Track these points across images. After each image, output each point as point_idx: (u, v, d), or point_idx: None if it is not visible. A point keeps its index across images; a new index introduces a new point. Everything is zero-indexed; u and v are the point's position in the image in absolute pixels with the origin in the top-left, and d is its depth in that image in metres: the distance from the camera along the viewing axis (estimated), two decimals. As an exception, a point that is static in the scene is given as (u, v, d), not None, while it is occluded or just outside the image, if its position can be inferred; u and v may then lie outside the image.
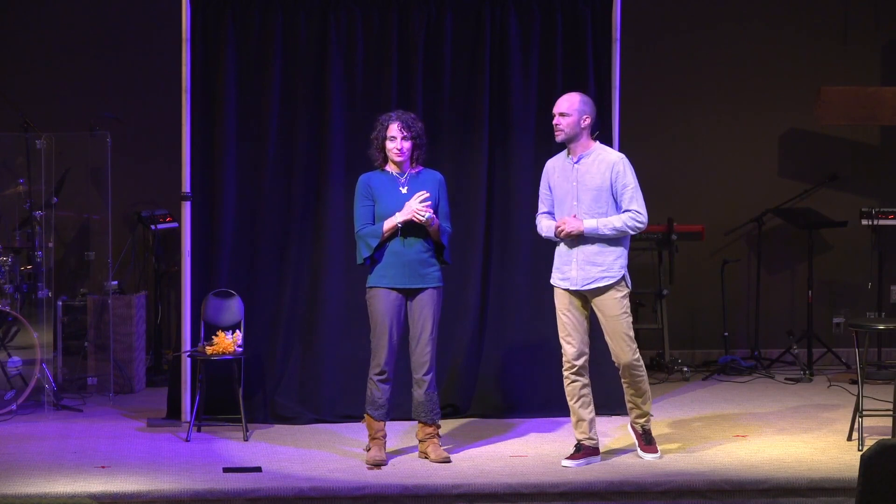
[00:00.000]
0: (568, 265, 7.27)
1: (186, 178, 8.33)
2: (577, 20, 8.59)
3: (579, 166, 7.27)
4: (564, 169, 7.33)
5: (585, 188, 7.24)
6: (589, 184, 7.24)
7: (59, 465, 7.24)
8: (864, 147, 10.87)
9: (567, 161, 7.33)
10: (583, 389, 7.34)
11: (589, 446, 7.35)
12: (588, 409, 7.35)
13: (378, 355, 7.31)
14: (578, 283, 7.25)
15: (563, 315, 7.34)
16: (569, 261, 7.27)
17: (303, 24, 8.44)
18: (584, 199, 7.23)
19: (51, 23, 10.21)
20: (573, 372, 7.32)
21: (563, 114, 7.25)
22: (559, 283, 7.33)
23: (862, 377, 7.74)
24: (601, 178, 7.23)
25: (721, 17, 10.75)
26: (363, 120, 8.08)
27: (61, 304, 9.35)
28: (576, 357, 7.30)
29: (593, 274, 7.23)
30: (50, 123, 9.33)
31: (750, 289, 10.72)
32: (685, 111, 10.74)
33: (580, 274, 7.24)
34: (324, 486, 6.87)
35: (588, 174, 7.25)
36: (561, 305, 7.34)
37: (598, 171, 7.24)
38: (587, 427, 7.34)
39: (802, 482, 6.99)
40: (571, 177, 7.27)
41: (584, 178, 7.25)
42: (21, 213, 9.28)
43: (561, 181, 7.32)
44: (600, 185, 7.22)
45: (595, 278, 7.24)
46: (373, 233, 7.26)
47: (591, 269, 7.23)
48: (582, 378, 7.33)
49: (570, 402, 7.36)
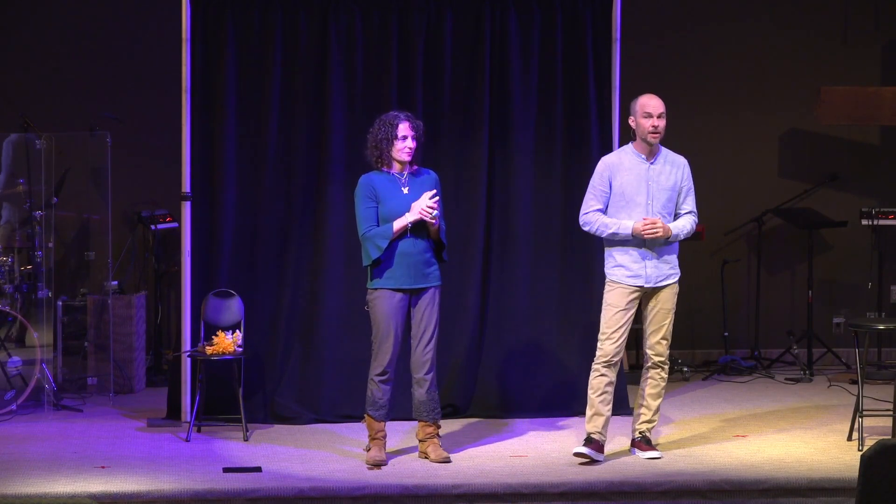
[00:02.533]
0: (639, 263, 7.37)
1: (186, 178, 8.33)
2: (577, 20, 8.59)
3: (655, 167, 7.41)
4: (635, 168, 7.40)
5: (660, 188, 7.39)
6: (664, 184, 7.41)
7: (59, 465, 7.24)
8: (864, 147, 10.87)
9: (638, 160, 7.41)
10: (608, 386, 7.38)
11: (599, 441, 7.38)
12: (607, 406, 7.40)
13: (381, 356, 7.30)
14: (653, 280, 7.40)
15: (617, 313, 7.37)
16: (639, 258, 7.37)
17: (303, 24, 8.44)
18: (659, 198, 7.38)
19: (51, 23, 10.21)
20: (606, 366, 7.37)
21: (662, 115, 7.42)
22: (628, 281, 7.39)
23: (862, 377, 7.74)
24: (674, 179, 7.43)
25: (721, 17, 10.75)
26: (363, 120, 8.08)
27: (61, 304, 9.35)
28: (615, 353, 7.37)
29: (665, 271, 7.43)
30: (50, 123, 9.33)
31: (750, 289, 10.72)
32: (685, 111, 10.73)
33: (655, 272, 7.40)
34: (324, 486, 6.87)
35: (663, 174, 7.41)
36: (619, 303, 7.38)
37: (671, 172, 7.43)
38: (602, 424, 7.37)
39: (802, 482, 6.99)
40: (645, 176, 7.39)
41: (658, 178, 7.40)
42: (21, 213, 9.28)
43: (632, 179, 7.39)
44: (673, 185, 7.43)
45: (667, 275, 7.44)
46: (382, 234, 7.23)
47: (663, 266, 7.42)
48: (611, 375, 7.38)
49: (593, 395, 7.37)
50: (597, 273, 7.92)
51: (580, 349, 8.43)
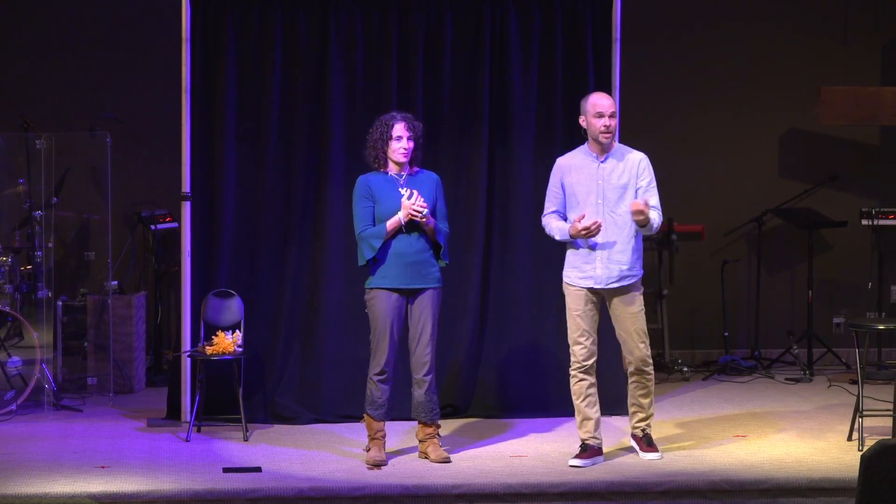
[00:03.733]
0: (590, 263, 7.25)
1: (186, 178, 8.33)
2: (577, 20, 8.59)
3: (605, 165, 7.30)
4: (586, 167, 7.32)
5: (611, 186, 7.26)
6: (615, 182, 7.27)
7: (59, 465, 7.24)
8: (864, 147, 10.87)
9: (589, 159, 7.33)
10: (589, 389, 7.34)
11: (594, 446, 7.35)
12: (594, 408, 7.35)
13: (378, 356, 7.32)
14: (603, 282, 7.25)
15: (576, 316, 7.30)
16: (591, 259, 7.25)
17: (303, 24, 8.44)
18: (609, 196, 7.25)
19: (51, 23, 10.21)
20: (582, 371, 7.32)
21: (613, 114, 7.33)
22: (579, 282, 7.29)
23: (862, 377, 7.74)
24: (627, 177, 7.28)
25: (721, 18, 10.75)
26: (363, 120, 8.08)
27: (61, 304, 9.35)
28: (586, 358, 7.30)
29: (617, 272, 7.24)
30: (50, 123, 9.33)
31: (750, 289, 10.72)
32: (685, 111, 10.74)
33: (605, 272, 7.24)
34: (324, 486, 6.87)
35: (614, 172, 7.28)
36: (576, 305, 7.31)
37: (624, 170, 7.29)
38: (593, 427, 7.34)
39: (802, 482, 6.99)
40: (595, 174, 7.28)
41: (609, 177, 7.27)
42: (21, 213, 9.28)
43: (581, 178, 7.30)
44: (626, 183, 7.27)
45: (619, 276, 7.25)
46: (376, 234, 7.26)
47: (615, 267, 7.24)
48: (589, 377, 7.33)
49: (577, 401, 7.35)
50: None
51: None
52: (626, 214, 7.22)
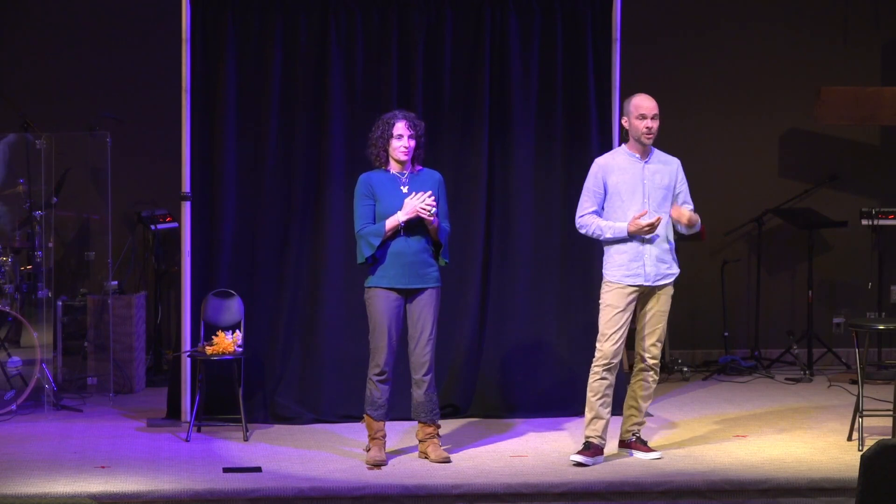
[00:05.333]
0: (638, 261, 7.33)
1: (186, 178, 8.33)
2: (577, 20, 8.60)
3: (649, 166, 7.40)
4: (630, 168, 7.39)
5: (656, 187, 7.38)
6: (660, 183, 7.40)
7: (59, 465, 7.24)
8: (864, 147, 10.87)
9: (633, 159, 7.41)
10: (608, 389, 7.35)
11: (598, 445, 7.36)
12: (607, 409, 7.36)
13: (377, 356, 7.32)
14: (652, 279, 7.36)
15: (616, 314, 7.32)
16: (639, 257, 7.33)
17: (303, 25, 8.44)
18: (655, 196, 7.37)
19: (51, 22, 10.21)
20: (607, 370, 7.32)
21: (656, 116, 7.43)
22: (627, 280, 7.34)
23: (862, 377, 7.74)
24: (669, 179, 7.43)
25: (721, 17, 10.75)
26: (363, 120, 8.08)
27: (61, 304, 9.35)
28: (614, 356, 7.32)
29: (664, 270, 7.38)
30: (50, 123, 9.33)
31: (750, 289, 10.71)
32: (685, 111, 10.73)
33: (654, 270, 7.35)
34: (324, 486, 6.87)
35: (658, 174, 7.41)
36: (618, 303, 7.33)
37: (666, 172, 7.44)
38: (602, 427, 7.34)
39: (802, 482, 6.99)
40: (640, 175, 7.38)
41: (654, 178, 7.39)
42: (21, 213, 9.28)
43: (626, 179, 7.37)
44: (668, 184, 7.43)
45: (665, 274, 7.40)
46: (375, 232, 7.26)
47: (661, 265, 7.37)
48: (611, 377, 7.34)
49: (593, 398, 7.32)
50: (596, 273, 7.90)
51: (580, 349, 8.41)
52: (667, 215, 7.38)
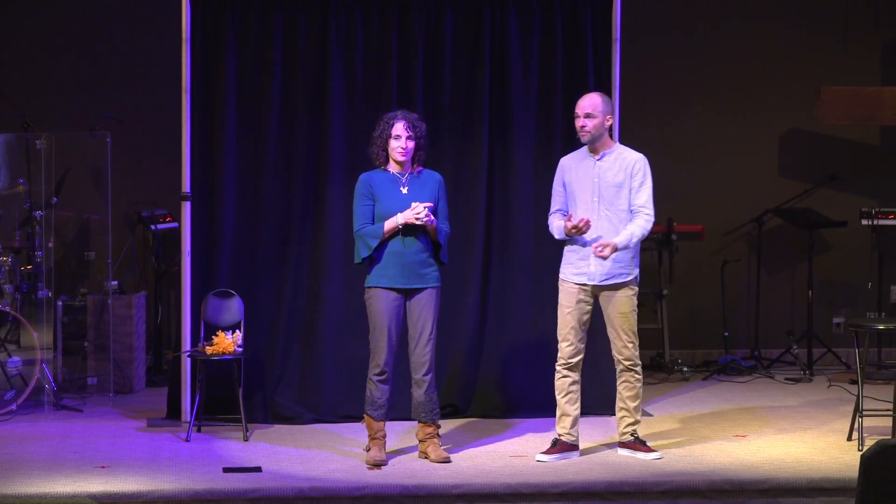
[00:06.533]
0: (585, 260, 7.31)
1: (186, 178, 8.33)
2: (577, 20, 8.60)
3: (601, 163, 7.36)
4: (584, 165, 7.39)
5: (607, 184, 7.32)
6: (611, 180, 7.33)
7: (59, 465, 7.24)
8: (864, 147, 10.87)
9: (588, 157, 7.40)
10: (572, 385, 7.40)
11: (567, 442, 7.42)
12: (574, 405, 7.42)
13: (377, 355, 7.32)
14: (597, 278, 7.31)
15: (566, 313, 7.37)
16: (586, 256, 7.31)
17: (303, 24, 8.44)
18: (605, 195, 7.31)
19: (51, 22, 10.21)
20: (566, 368, 7.40)
21: (588, 115, 7.35)
22: (573, 278, 7.35)
23: (862, 377, 7.74)
24: (623, 176, 7.33)
25: (721, 17, 10.75)
26: (363, 120, 8.09)
27: (61, 304, 9.35)
28: (571, 356, 7.37)
29: (613, 270, 7.30)
30: (50, 123, 9.33)
31: (750, 289, 10.71)
32: (685, 111, 10.74)
33: (598, 269, 7.30)
34: (324, 486, 6.87)
35: (610, 171, 7.34)
36: (567, 302, 7.36)
37: (620, 169, 7.35)
38: (570, 423, 7.40)
39: (802, 482, 6.99)
40: (592, 173, 7.34)
41: (605, 175, 7.34)
42: (21, 213, 9.28)
43: (580, 176, 7.37)
44: (622, 182, 7.33)
45: (613, 274, 7.31)
46: (373, 233, 7.27)
47: (608, 264, 7.28)
48: (573, 374, 7.39)
49: (558, 396, 7.43)
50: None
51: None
52: (622, 213, 7.29)
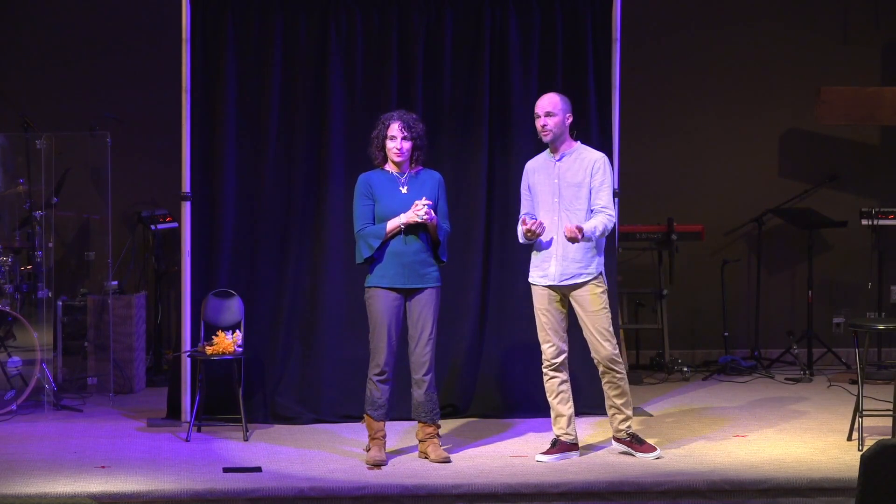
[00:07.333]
0: (547, 262, 7.36)
1: (186, 178, 8.33)
2: (577, 20, 8.60)
3: (561, 164, 7.38)
4: (545, 167, 7.43)
5: (567, 184, 7.34)
6: (570, 180, 7.34)
7: (59, 465, 7.24)
8: (864, 147, 10.87)
9: (548, 159, 7.43)
10: (561, 385, 7.42)
11: (566, 442, 7.43)
12: (567, 405, 7.44)
13: (377, 355, 7.32)
14: (557, 279, 7.34)
15: (542, 314, 7.43)
16: (548, 258, 7.36)
17: (303, 25, 8.44)
18: (565, 195, 7.33)
19: (51, 23, 10.21)
20: (552, 369, 7.44)
21: (549, 113, 7.36)
22: (538, 281, 7.42)
23: (862, 377, 7.74)
24: (582, 175, 7.33)
25: (721, 18, 10.75)
26: (363, 120, 8.09)
27: (61, 304, 9.35)
28: (555, 356, 7.42)
29: (571, 270, 7.33)
30: (50, 123, 9.33)
31: (750, 289, 10.72)
32: (685, 111, 10.75)
33: (558, 269, 7.33)
34: (324, 486, 6.87)
35: (570, 171, 7.36)
36: (540, 304, 7.42)
37: (579, 168, 7.35)
38: (566, 423, 7.42)
39: (802, 482, 6.99)
40: (553, 174, 7.37)
41: (565, 175, 7.35)
42: (21, 213, 9.28)
43: (542, 178, 7.41)
44: (581, 181, 7.33)
45: (573, 274, 7.33)
46: (375, 233, 7.27)
47: (569, 265, 7.32)
48: (561, 374, 7.43)
49: (550, 398, 7.47)
50: (596, 273, 7.92)
51: (579, 349, 8.41)
52: (582, 213, 7.31)
